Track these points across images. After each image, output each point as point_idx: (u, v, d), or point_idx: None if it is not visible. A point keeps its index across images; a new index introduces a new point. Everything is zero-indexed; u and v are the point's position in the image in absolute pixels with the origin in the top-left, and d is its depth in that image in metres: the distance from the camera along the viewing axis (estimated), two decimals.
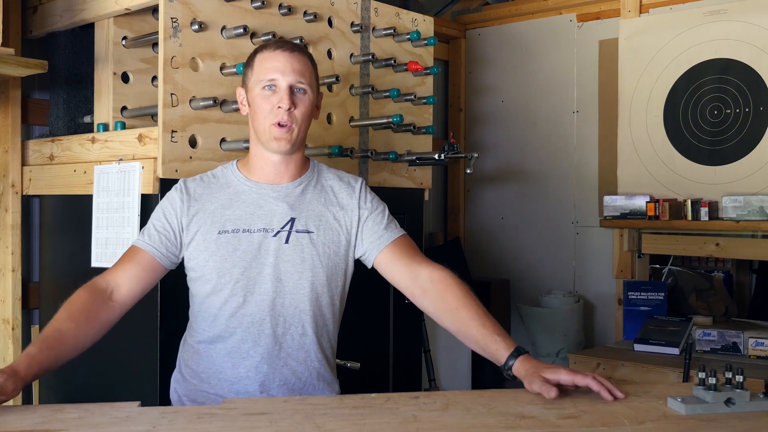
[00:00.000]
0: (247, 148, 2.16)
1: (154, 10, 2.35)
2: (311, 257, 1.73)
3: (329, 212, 1.78)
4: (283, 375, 1.72)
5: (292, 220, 1.73)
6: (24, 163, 2.64)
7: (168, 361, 2.07)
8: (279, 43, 1.76)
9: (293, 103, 1.69)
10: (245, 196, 1.75)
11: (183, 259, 1.75)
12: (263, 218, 1.72)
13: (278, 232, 1.72)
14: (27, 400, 2.64)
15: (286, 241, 1.72)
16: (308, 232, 1.74)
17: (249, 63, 1.77)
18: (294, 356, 1.73)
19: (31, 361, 1.45)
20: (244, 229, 1.71)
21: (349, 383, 1.93)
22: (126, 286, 1.67)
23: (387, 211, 1.84)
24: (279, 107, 1.69)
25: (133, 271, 1.69)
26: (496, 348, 1.58)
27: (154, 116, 2.26)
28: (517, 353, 1.56)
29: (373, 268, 1.82)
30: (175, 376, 1.82)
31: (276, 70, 1.70)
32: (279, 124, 1.69)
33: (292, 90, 1.70)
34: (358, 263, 1.84)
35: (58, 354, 1.51)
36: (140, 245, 1.72)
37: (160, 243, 1.71)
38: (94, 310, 1.61)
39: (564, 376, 1.48)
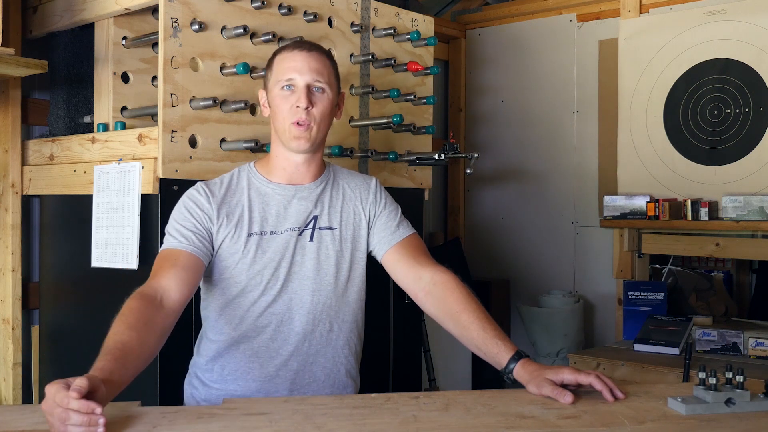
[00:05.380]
0: (247, 148, 2.19)
1: (154, 10, 2.35)
2: (335, 253, 1.76)
3: (350, 207, 1.81)
4: (312, 372, 1.73)
5: (315, 218, 1.76)
6: (24, 163, 2.64)
7: (168, 361, 2.07)
8: (297, 43, 1.78)
9: (311, 102, 1.70)
10: (269, 198, 1.75)
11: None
12: (289, 219, 1.74)
13: (303, 230, 1.74)
14: (27, 400, 2.64)
15: (311, 239, 1.74)
16: (331, 228, 1.77)
17: (269, 65, 1.78)
18: (322, 353, 1.75)
19: (100, 374, 1.30)
20: (272, 231, 1.73)
21: None
22: (175, 290, 1.58)
23: (399, 211, 1.87)
24: (297, 106, 1.70)
25: (180, 274, 1.60)
26: (496, 352, 1.58)
27: (154, 116, 2.26)
28: (517, 357, 1.56)
29: (378, 266, 1.84)
30: (191, 382, 1.80)
31: (293, 69, 1.71)
32: (298, 123, 1.70)
33: (309, 89, 1.71)
34: (370, 258, 1.86)
35: (125, 364, 1.38)
36: (178, 247, 1.65)
37: (197, 241, 1.67)
38: (150, 317, 1.50)
39: (567, 376, 1.48)
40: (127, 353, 1.40)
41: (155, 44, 2.38)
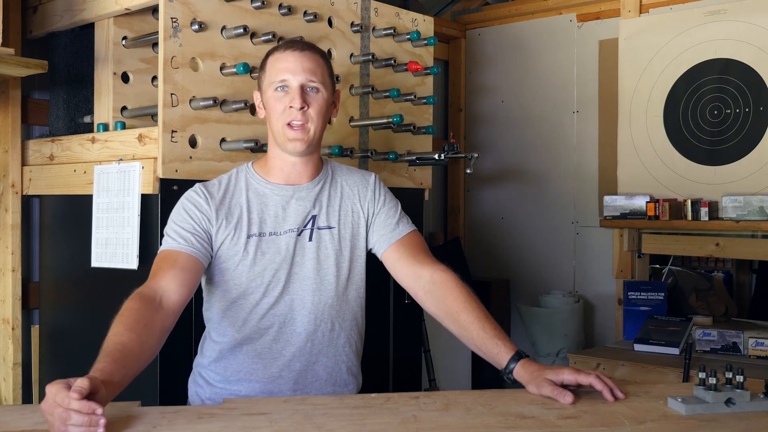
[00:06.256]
0: (247, 148, 2.19)
1: (154, 10, 2.35)
2: (335, 252, 1.76)
3: (348, 206, 1.81)
4: (315, 372, 1.74)
5: (314, 218, 1.76)
6: (24, 163, 2.64)
7: (168, 362, 2.07)
8: (290, 43, 1.77)
9: (306, 102, 1.70)
10: (267, 199, 1.75)
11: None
12: (288, 220, 1.74)
13: (302, 231, 1.74)
14: (27, 400, 2.64)
15: (310, 239, 1.74)
16: (329, 227, 1.77)
17: (262, 66, 1.78)
18: (324, 352, 1.75)
19: (100, 375, 1.30)
20: (271, 233, 1.72)
21: None
22: (174, 291, 1.57)
23: (399, 207, 1.86)
24: (291, 107, 1.69)
25: (179, 275, 1.60)
26: (496, 352, 1.58)
27: (154, 116, 2.26)
28: (517, 357, 1.56)
29: (378, 265, 1.84)
30: (196, 380, 1.80)
31: (286, 70, 1.70)
32: (292, 125, 1.70)
33: (303, 89, 1.70)
34: (370, 257, 1.86)
35: (125, 366, 1.37)
36: (177, 248, 1.65)
37: (196, 242, 1.66)
38: (150, 318, 1.49)
39: (567, 376, 1.48)
40: (126, 355, 1.39)
41: (155, 44, 2.38)
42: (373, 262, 1.86)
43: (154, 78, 2.44)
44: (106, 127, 2.36)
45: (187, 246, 1.66)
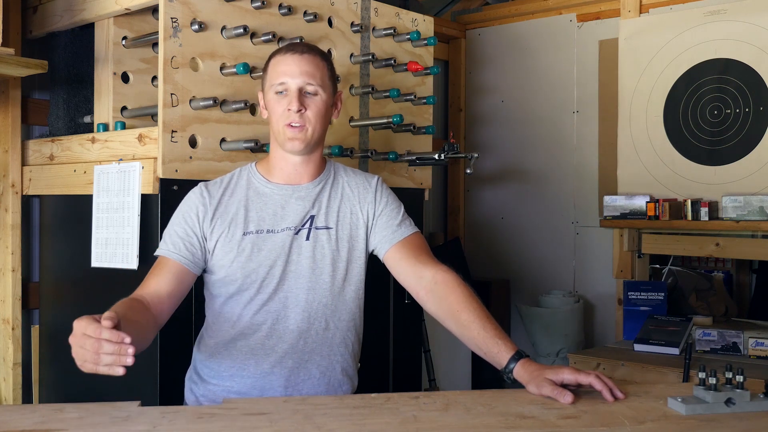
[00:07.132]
0: (247, 148, 2.19)
1: (154, 10, 2.36)
2: (331, 252, 1.77)
3: (347, 207, 1.82)
4: (307, 370, 1.75)
5: (312, 217, 1.78)
6: (24, 163, 2.64)
7: (168, 361, 2.07)
8: (291, 45, 1.80)
9: (303, 105, 1.73)
10: (267, 198, 1.78)
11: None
12: (286, 218, 1.76)
13: (299, 230, 1.76)
14: (27, 400, 2.64)
15: (307, 238, 1.76)
16: (327, 228, 1.78)
17: (264, 68, 1.82)
18: (318, 351, 1.76)
19: (112, 314, 1.34)
20: (268, 230, 1.75)
21: None
22: (159, 297, 1.64)
23: (402, 209, 1.88)
24: (289, 109, 1.72)
25: (165, 281, 1.67)
26: (497, 351, 1.59)
27: (154, 116, 2.27)
28: (518, 357, 1.56)
29: (378, 266, 1.85)
30: (191, 377, 1.83)
31: (285, 73, 1.74)
32: (291, 125, 1.72)
33: (301, 92, 1.74)
34: (371, 258, 1.87)
35: (130, 317, 1.44)
36: (166, 254, 1.71)
37: (185, 250, 1.71)
38: (141, 311, 1.56)
39: (567, 376, 1.49)
40: (131, 313, 1.48)
41: (155, 44, 2.38)
42: (374, 263, 1.87)
43: (154, 78, 2.44)
44: (106, 127, 2.36)
45: (177, 254, 1.71)
